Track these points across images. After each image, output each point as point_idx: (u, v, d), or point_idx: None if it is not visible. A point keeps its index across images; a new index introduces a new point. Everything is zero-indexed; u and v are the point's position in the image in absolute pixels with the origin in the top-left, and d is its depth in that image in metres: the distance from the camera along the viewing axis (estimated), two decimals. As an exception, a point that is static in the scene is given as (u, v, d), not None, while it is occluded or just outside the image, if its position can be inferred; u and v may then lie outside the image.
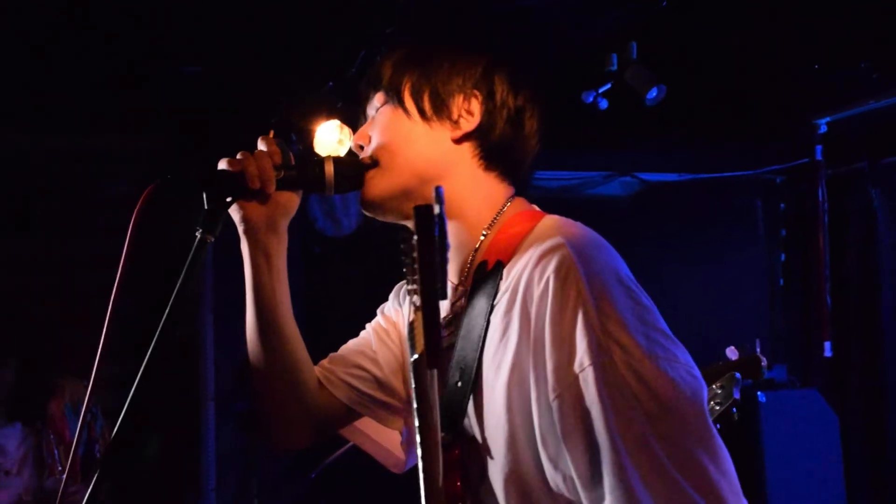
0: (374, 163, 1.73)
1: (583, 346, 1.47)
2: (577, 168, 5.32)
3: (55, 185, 4.84)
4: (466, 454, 1.62)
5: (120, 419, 1.50)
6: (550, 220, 1.67)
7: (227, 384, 4.33)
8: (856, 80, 4.55)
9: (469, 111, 1.73)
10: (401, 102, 1.74)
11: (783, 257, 5.65)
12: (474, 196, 1.73)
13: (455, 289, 1.73)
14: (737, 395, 3.74)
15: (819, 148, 5.26)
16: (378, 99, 1.78)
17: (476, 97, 1.74)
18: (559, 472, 1.51)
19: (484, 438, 1.61)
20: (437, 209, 1.33)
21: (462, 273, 1.72)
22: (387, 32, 3.78)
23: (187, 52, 4.33)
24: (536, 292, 1.53)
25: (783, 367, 5.17)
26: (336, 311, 4.87)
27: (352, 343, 1.95)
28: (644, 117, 4.30)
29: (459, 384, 1.63)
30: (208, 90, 4.44)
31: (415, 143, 1.73)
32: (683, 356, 1.51)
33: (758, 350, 3.51)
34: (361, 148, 1.78)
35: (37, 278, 3.94)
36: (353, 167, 1.74)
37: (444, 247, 1.34)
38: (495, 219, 1.72)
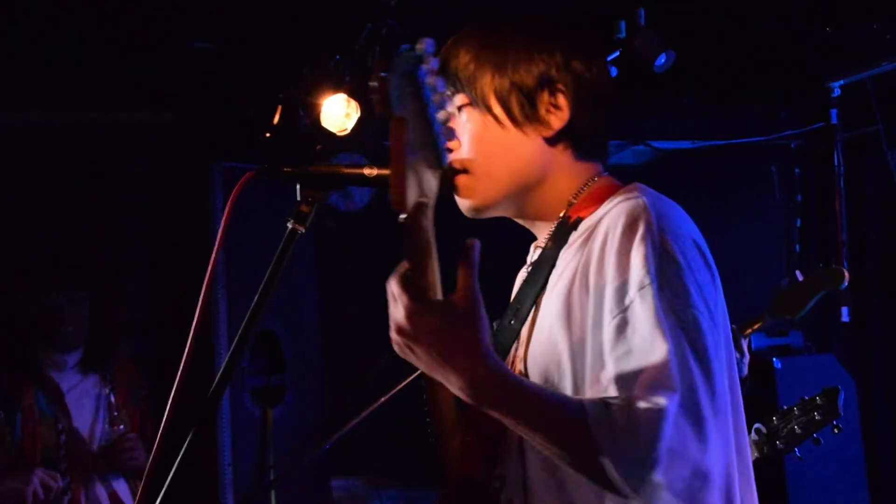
0: (463, 170, 1.72)
1: (641, 272, 1.51)
2: (589, 137, 5.27)
3: (63, 161, 4.83)
4: None
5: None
6: (634, 185, 1.70)
7: (240, 360, 4.34)
8: (869, 42, 4.51)
9: (556, 105, 1.71)
10: (489, 109, 1.71)
11: (799, 223, 5.61)
12: (570, 179, 1.75)
13: (536, 250, 1.79)
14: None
15: (834, 111, 5.22)
16: (460, 99, 1.74)
17: (561, 91, 1.71)
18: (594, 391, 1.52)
19: (525, 371, 1.67)
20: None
21: (547, 237, 1.76)
22: (392, 5, 3.76)
23: (196, 28, 4.33)
24: (606, 232, 1.58)
25: (799, 333, 5.14)
26: (349, 285, 4.90)
27: None
28: (656, 84, 4.26)
29: (512, 322, 1.72)
30: (216, 65, 4.43)
31: (511, 153, 1.72)
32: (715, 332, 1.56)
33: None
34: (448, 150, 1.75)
35: (43, 257, 3.94)
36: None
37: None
38: (583, 189, 1.74)
